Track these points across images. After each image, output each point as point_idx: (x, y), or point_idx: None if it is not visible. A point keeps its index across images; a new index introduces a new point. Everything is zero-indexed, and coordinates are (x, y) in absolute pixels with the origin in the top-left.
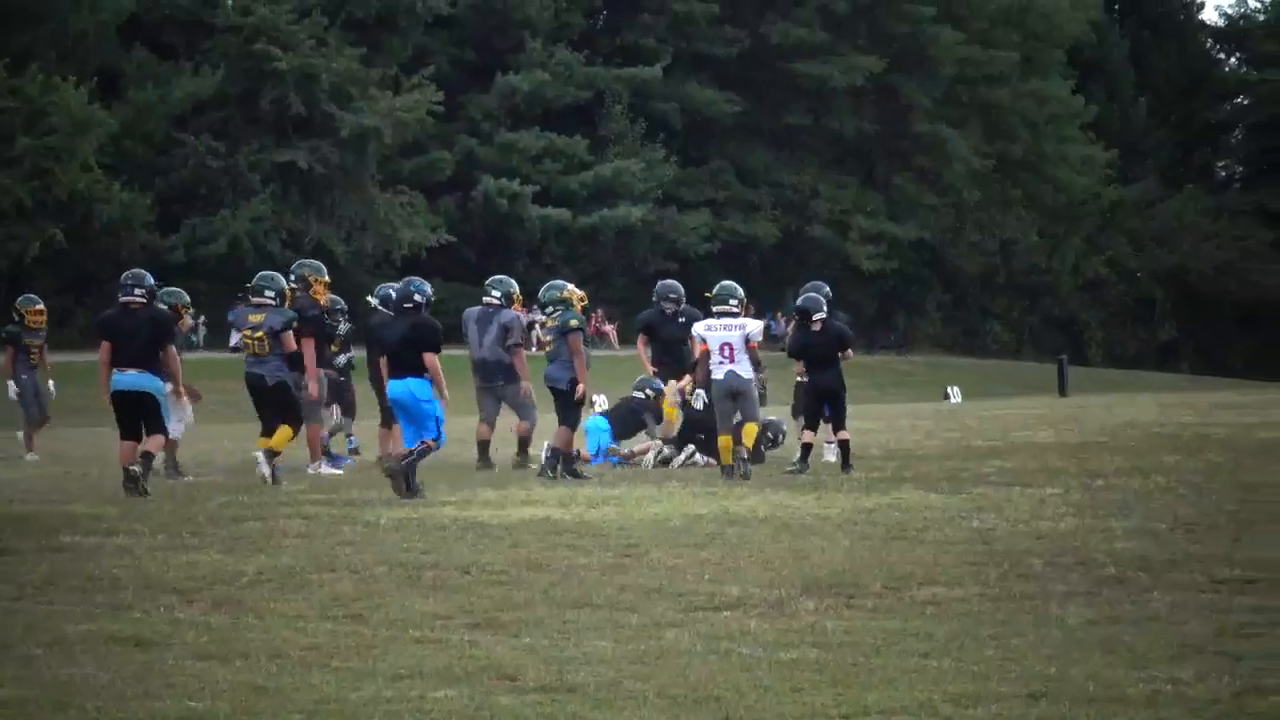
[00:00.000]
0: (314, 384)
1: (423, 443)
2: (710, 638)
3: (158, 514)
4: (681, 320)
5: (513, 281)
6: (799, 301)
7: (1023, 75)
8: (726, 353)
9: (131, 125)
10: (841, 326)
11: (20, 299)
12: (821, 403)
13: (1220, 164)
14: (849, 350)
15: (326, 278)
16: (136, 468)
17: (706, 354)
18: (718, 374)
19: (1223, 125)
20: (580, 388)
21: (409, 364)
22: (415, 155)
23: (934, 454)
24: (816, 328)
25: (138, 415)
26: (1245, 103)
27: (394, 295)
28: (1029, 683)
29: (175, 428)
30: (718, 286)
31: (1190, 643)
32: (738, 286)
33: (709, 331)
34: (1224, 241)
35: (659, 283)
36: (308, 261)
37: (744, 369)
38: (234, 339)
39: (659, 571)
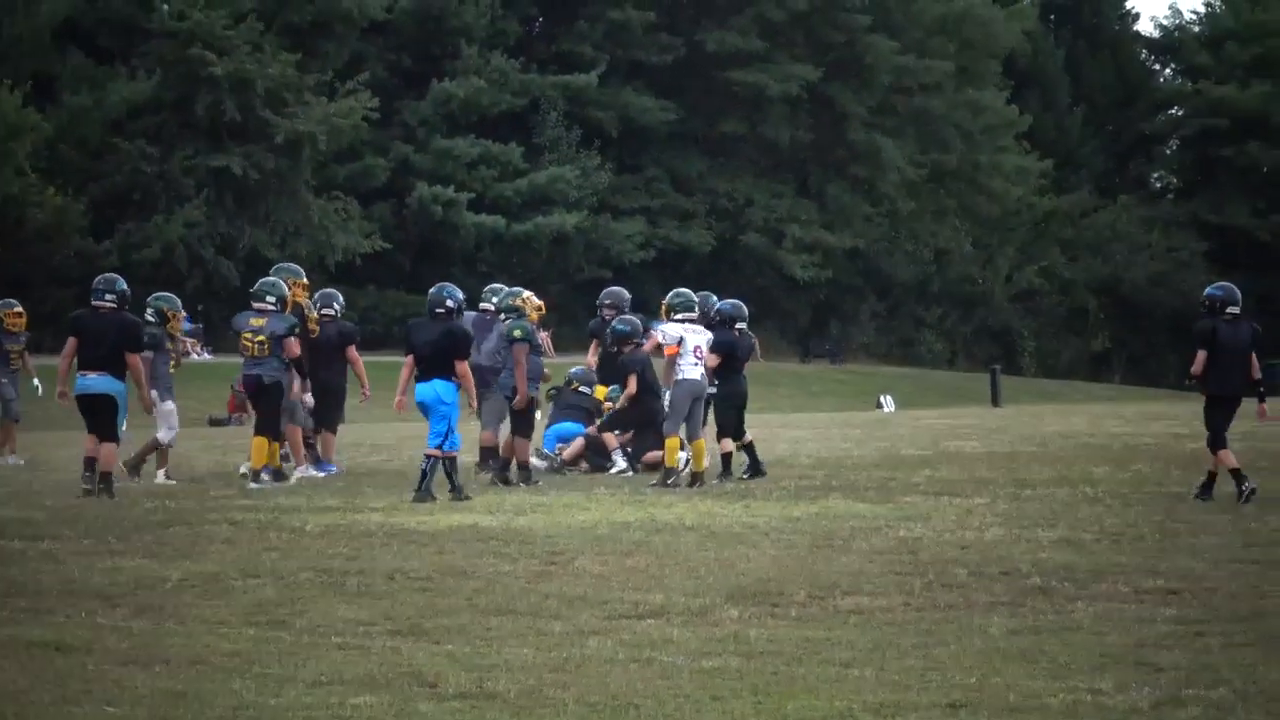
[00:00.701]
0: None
1: (428, 455)
2: (632, 645)
3: (85, 519)
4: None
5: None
6: (724, 306)
7: (958, 85)
8: (700, 354)
9: (66, 129)
10: (752, 340)
11: None
12: (739, 410)
13: (1154, 175)
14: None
15: (305, 280)
16: (89, 479)
17: (675, 355)
18: (693, 374)
19: (1157, 136)
20: (519, 398)
21: (440, 368)
22: (350, 161)
23: (864, 463)
24: (735, 334)
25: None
26: (1179, 114)
27: (340, 303)
28: (949, 692)
29: (166, 434)
30: (678, 294)
31: (1111, 653)
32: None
33: (688, 333)
34: (1157, 252)
35: (604, 289)
36: (286, 265)
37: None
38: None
39: (584, 579)
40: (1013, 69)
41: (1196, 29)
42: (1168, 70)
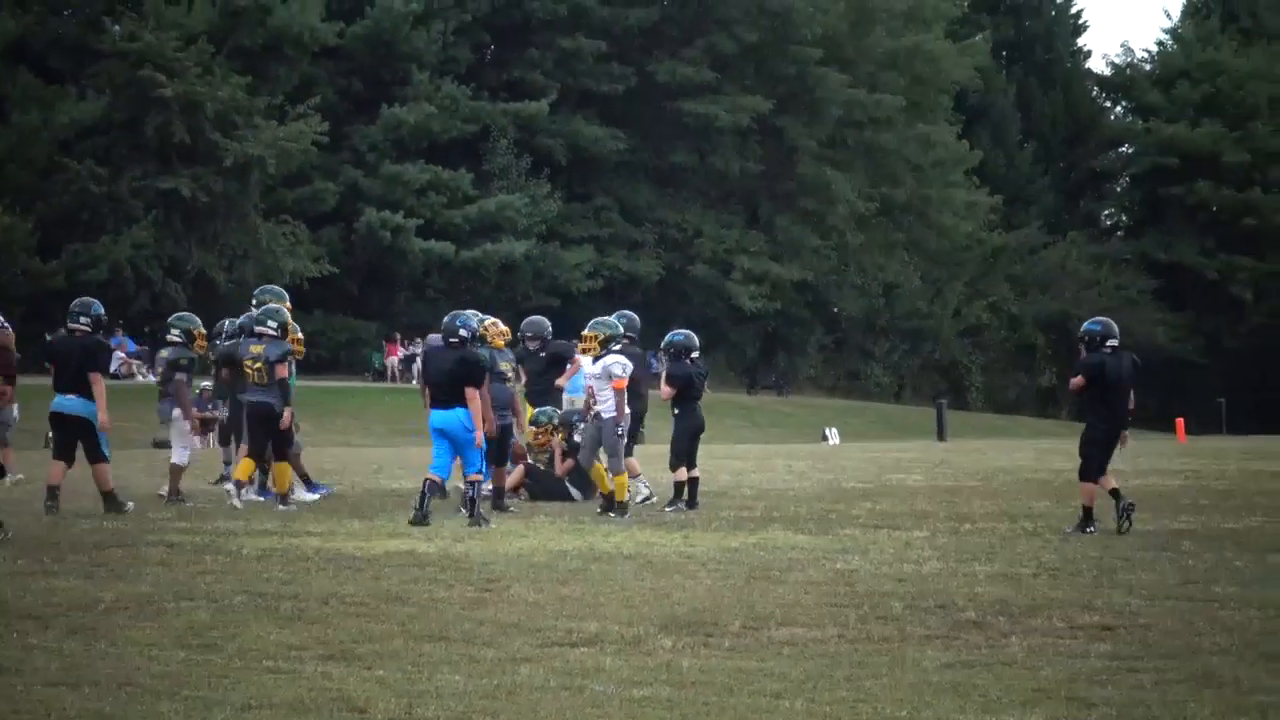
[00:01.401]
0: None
1: (469, 480)
2: (564, 674)
3: (20, 540)
4: (542, 355)
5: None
6: (676, 337)
7: (908, 119)
8: None
9: (14, 149)
10: (706, 369)
11: None
12: (696, 439)
13: (1104, 212)
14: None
15: (288, 302)
16: (54, 502)
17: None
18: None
19: (1107, 173)
20: (488, 425)
21: (457, 395)
22: (299, 185)
23: (805, 495)
24: (690, 364)
25: (71, 438)
26: (1130, 151)
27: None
28: None
29: (181, 454)
30: (610, 325)
31: (1044, 688)
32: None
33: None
34: (1106, 290)
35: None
36: (270, 288)
37: None
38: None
39: (519, 606)
40: (964, 104)
41: (1148, 68)
42: (1118, 108)
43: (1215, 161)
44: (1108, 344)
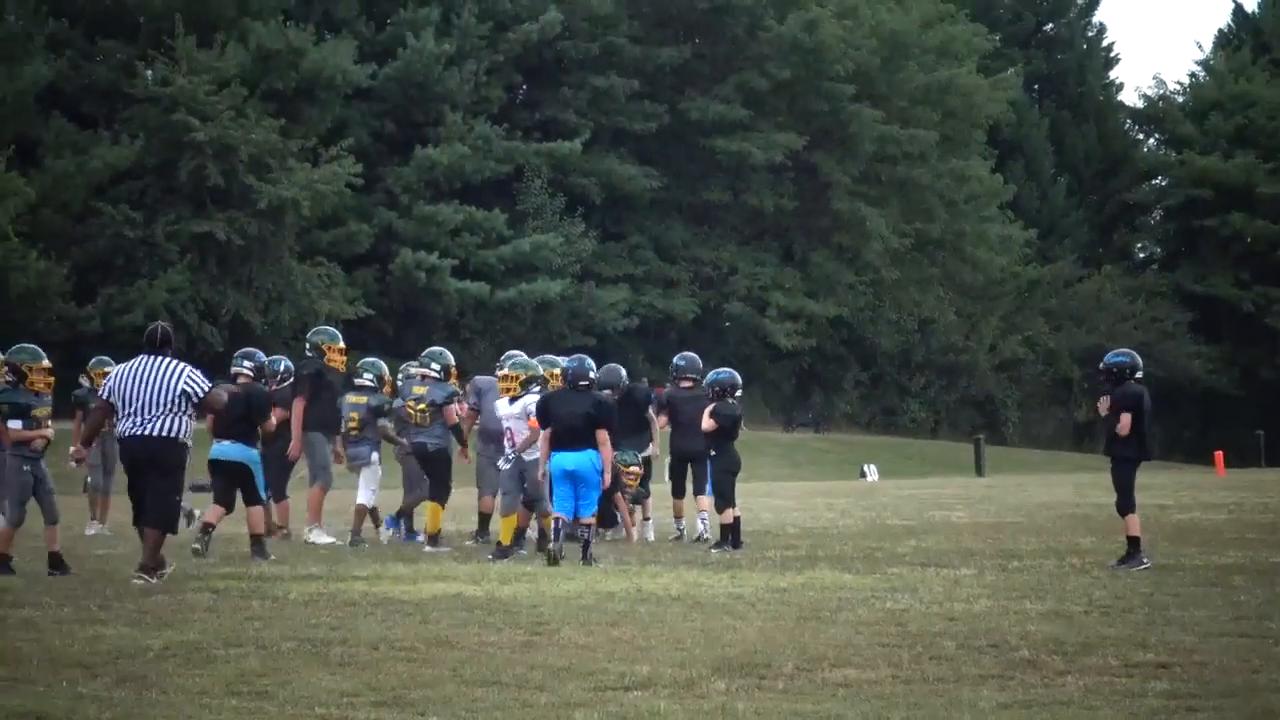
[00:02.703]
0: (296, 444)
1: (583, 522)
2: (619, 718)
3: (65, 586)
4: None
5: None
6: (722, 375)
7: (942, 154)
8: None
9: (49, 194)
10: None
11: None
12: (735, 477)
13: (1138, 245)
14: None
15: (341, 344)
16: (198, 546)
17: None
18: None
19: (1141, 206)
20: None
21: (587, 438)
22: (333, 227)
23: (849, 533)
24: (733, 403)
25: (230, 484)
26: (1163, 184)
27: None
28: None
29: (368, 495)
30: (527, 365)
31: None
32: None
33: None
34: (1141, 323)
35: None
36: (323, 329)
37: None
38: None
39: (569, 650)
40: (997, 138)
41: (1180, 100)
42: (1151, 141)
43: (1249, 193)
44: (1137, 375)
